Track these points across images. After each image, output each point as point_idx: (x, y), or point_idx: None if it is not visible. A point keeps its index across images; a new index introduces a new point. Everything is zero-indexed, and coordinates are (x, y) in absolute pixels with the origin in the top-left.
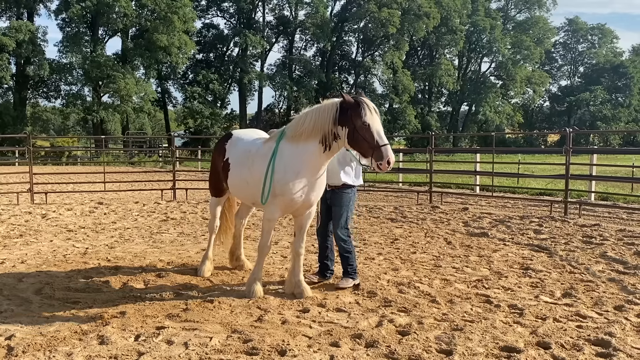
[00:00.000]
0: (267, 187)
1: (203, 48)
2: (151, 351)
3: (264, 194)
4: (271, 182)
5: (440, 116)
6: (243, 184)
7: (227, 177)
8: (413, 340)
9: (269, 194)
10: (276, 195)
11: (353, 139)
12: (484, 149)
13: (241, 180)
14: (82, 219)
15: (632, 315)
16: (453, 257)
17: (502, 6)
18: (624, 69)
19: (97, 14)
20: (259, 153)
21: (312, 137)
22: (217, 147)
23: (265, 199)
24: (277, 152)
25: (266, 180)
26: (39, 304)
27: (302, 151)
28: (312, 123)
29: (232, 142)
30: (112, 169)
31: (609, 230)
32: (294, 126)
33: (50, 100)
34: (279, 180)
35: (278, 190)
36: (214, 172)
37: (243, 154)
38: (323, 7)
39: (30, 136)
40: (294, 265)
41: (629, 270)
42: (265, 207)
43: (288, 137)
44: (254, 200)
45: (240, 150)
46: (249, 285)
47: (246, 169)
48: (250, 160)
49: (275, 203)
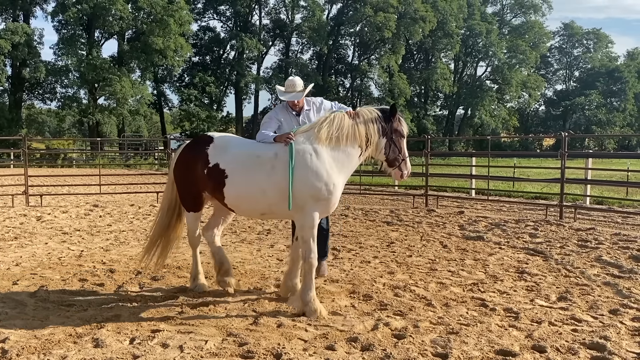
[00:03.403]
0: (305, 192)
1: (199, 51)
2: (146, 354)
3: (299, 200)
4: (309, 186)
5: (436, 120)
6: (256, 193)
7: (220, 186)
8: (409, 344)
9: (309, 199)
10: (319, 200)
11: (388, 148)
12: (480, 152)
13: (254, 189)
14: (78, 221)
15: (627, 319)
16: (449, 261)
17: (498, 10)
18: (619, 74)
19: (93, 17)
20: (280, 157)
21: (354, 141)
22: (192, 153)
23: (304, 204)
24: (313, 155)
25: (300, 185)
26: (33, 307)
27: (343, 154)
28: (355, 128)
29: (219, 146)
30: (107, 172)
31: (604, 234)
32: (328, 130)
33: (45, 103)
34: (326, 183)
35: (324, 193)
36: (187, 183)
37: (248, 159)
38: (319, 11)
39: (26, 138)
40: (295, 269)
41: (624, 274)
42: (304, 215)
43: (321, 140)
44: (267, 211)
45: (240, 155)
46: (307, 302)
47: (262, 175)
48: (269, 166)
49: (316, 208)
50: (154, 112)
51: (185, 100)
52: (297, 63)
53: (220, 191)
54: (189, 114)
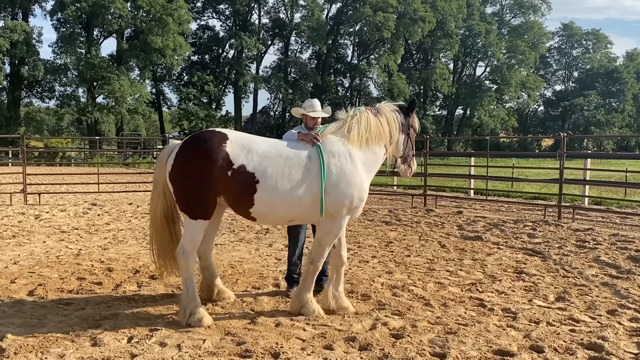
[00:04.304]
0: (338, 199)
1: (198, 50)
2: (144, 353)
3: (331, 207)
4: (344, 193)
5: (435, 120)
6: (292, 200)
7: (249, 192)
8: (407, 344)
9: (341, 206)
10: (352, 207)
11: (405, 144)
12: (479, 152)
13: (290, 196)
14: (76, 220)
15: (625, 319)
16: (447, 261)
17: (497, 11)
18: (617, 74)
19: (92, 15)
20: (313, 160)
21: (379, 141)
22: (203, 152)
23: (336, 211)
24: (347, 159)
25: (334, 191)
26: (31, 305)
27: (372, 156)
28: (381, 127)
29: (240, 145)
30: (106, 170)
31: (602, 234)
32: (358, 130)
33: (44, 101)
34: (359, 190)
35: (357, 201)
36: (196, 186)
37: (280, 161)
38: (319, 10)
39: (24, 136)
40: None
41: (622, 274)
42: (334, 222)
43: (353, 141)
44: (296, 218)
45: (271, 156)
46: (304, 303)
47: (297, 180)
48: (303, 169)
49: (348, 214)
50: (152, 110)
51: (184, 99)
52: (296, 62)
53: (249, 197)
54: (188, 113)
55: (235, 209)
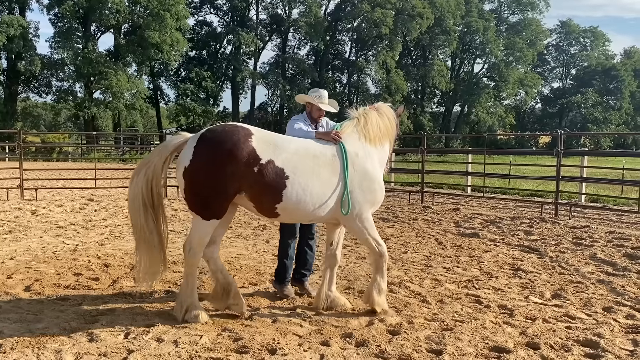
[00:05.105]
0: (362, 197)
1: (196, 45)
2: (141, 349)
3: (355, 204)
4: (368, 190)
5: (433, 117)
6: (319, 197)
7: (278, 188)
8: (403, 340)
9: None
10: (374, 204)
11: (394, 142)
12: (476, 149)
13: (319, 193)
14: (73, 215)
15: (620, 316)
16: (444, 257)
17: (496, 8)
18: (615, 72)
19: (90, 10)
20: (338, 159)
21: (387, 138)
22: (227, 146)
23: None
24: (368, 157)
25: (358, 189)
26: (28, 301)
27: (384, 153)
28: (388, 126)
29: (265, 140)
30: (103, 166)
31: (598, 232)
32: (372, 129)
33: (41, 96)
34: (380, 187)
35: (379, 197)
36: (217, 182)
37: (308, 158)
38: (317, 6)
39: (21, 132)
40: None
41: (618, 271)
42: (361, 219)
43: (370, 139)
44: (317, 217)
45: (299, 153)
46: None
47: (325, 177)
48: (330, 167)
49: (370, 210)
50: (149, 106)
51: (181, 94)
52: (294, 58)
53: (277, 193)
54: (185, 109)
55: (260, 205)
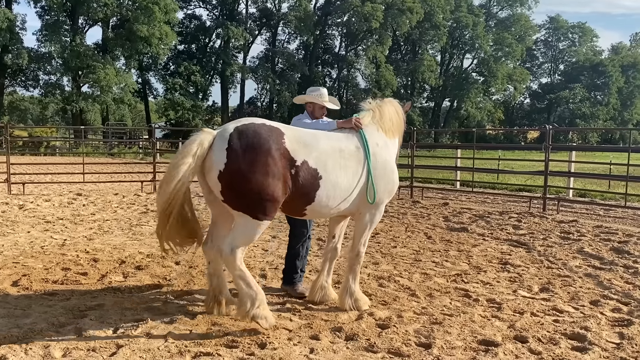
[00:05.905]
0: (383, 187)
1: (185, 39)
2: (130, 343)
3: (384, 193)
4: (388, 180)
5: (422, 112)
6: (346, 193)
7: (313, 189)
8: (392, 334)
9: (385, 193)
10: (392, 193)
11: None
12: (465, 144)
13: (346, 189)
14: (61, 210)
15: (607, 310)
16: (433, 252)
17: (485, 3)
18: (603, 68)
19: (77, 3)
20: (361, 150)
21: (398, 133)
22: (268, 144)
23: (384, 197)
24: (386, 148)
25: (380, 179)
26: (15, 296)
27: (395, 146)
28: (398, 119)
29: (295, 139)
30: (91, 160)
31: (586, 226)
32: (387, 120)
33: (28, 90)
34: (397, 177)
35: (396, 187)
36: (270, 183)
37: (335, 154)
38: (306, 0)
39: (8, 126)
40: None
41: (605, 265)
42: (377, 210)
43: (386, 130)
44: (341, 210)
45: (327, 150)
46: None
47: (352, 172)
48: (355, 160)
49: (386, 201)
50: (138, 100)
51: (170, 89)
52: (284, 53)
53: (311, 195)
54: (174, 103)
55: (289, 207)
